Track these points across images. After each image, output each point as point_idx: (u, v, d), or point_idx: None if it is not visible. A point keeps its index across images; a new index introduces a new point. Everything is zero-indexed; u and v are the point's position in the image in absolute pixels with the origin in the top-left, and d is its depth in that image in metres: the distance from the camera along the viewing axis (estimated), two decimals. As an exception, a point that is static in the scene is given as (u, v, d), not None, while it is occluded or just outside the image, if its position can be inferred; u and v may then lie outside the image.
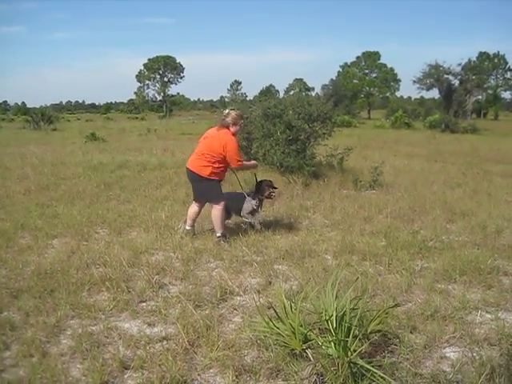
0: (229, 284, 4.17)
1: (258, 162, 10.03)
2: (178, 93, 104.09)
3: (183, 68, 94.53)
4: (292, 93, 76.87)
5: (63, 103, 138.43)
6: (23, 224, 6.12)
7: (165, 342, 3.24)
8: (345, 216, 6.79)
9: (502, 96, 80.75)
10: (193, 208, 5.78)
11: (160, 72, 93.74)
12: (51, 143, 18.69)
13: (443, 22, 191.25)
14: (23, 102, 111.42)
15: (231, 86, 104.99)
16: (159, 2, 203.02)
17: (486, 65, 73.11)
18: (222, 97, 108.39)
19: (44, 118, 32.25)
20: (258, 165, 6.54)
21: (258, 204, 5.95)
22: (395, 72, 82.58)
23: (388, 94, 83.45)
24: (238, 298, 4.00)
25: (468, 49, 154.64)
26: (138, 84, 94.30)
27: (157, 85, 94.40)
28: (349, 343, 2.70)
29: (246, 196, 5.90)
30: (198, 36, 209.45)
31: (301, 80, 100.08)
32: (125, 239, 5.60)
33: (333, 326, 2.83)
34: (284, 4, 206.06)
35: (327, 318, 2.88)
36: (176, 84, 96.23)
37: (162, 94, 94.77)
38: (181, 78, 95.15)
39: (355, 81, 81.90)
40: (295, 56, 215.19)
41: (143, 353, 3.06)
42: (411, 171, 11.98)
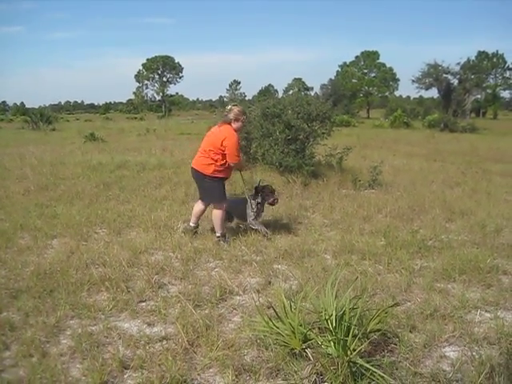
0: (228, 284, 4.17)
1: (257, 162, 10.15)
2: (177, 93, 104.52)
3: (182, 68, 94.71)
4: (291, 92, 76.99)
5: (62, 103, 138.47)
6: (22, 224, 6.12)
7: (164, 342, 3.24)
8: (344, 215, 6.80)
9: (501, 95, 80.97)
10: (198, 206, 5.78)
11: (159, 72, 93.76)
12: (50, 143, 18.66)
13: (442, 22, 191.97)
14: (22, 103, 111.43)
15: (230, 86, 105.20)
16: (158, 2, 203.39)
17: (485, 64, 73.08)
18: (221, 96, 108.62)
19: (43, 119, 32.16)
20: (249, 167, 6.46)
21: (259, 207, 5.84)
22: (394, 71, 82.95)
23: (387, 94, 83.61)
24: (238, 298, 4.00)
25: (467, 48, 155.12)
26: (137, 84, 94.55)
27: (156, 85, 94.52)
28: (348, 342, 2.71)
29: (249, 200, 5.77)
30: (197, 36, 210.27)
31: (300, 80, 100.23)
32: (124, 239, 5.60)
33: (332, 326, 2.84)
34: (283, 4, 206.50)
35: (327, 318, 2.89)
36: (175, 84, 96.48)
37: (161, 94, 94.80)
38: (180, 78, 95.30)
39: (354, 80, 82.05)
40: (294, 56, 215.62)
41: (143, 352, 3.06)
42: (410, 170, 11.99)
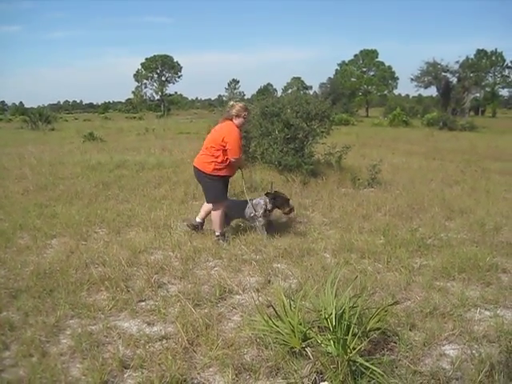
0: (228, 283, 4.17)
1: (257, 161, 10.15)
2: (176, 92, 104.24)
3: (181, 67, 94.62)
4: (290, 91, 77.04)
5: (61, 103, 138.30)
6: (22, 224, 6.11)
7: (164, 341, 3.24)
8: (343, 214, 6.80)
9: (500, 93, 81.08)
10: (207, 204, 5.77)
11: (158, 71, 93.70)
12: (49, 143, 18.64)
13: (441, 20, 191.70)
14: (21, 102, 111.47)
15: (229, 85, 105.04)
16: (157, 2, 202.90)
17: (484, 62, 73.32)
18: (220, 96, 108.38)
19: (42, 118, 32.09)
20: (247, 165, 6.44)
21: (267, 213, 5.75)
22: (393, 70, 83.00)
23: (386, 92, 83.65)
24: (237, 297, 4.00)
25: (466, 46, 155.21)
26: (136, 83, 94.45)
27: (154, 84, 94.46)
28: (348, 341, 2.71)
29: (250, 202, 5.72)
30: (196, 35, 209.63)
31: (299, 78, 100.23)
32: (123, 239, 5.60)
33: (332, 324, 2.84)
34: (282, 3, 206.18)
35: (326, 316, 2.89)
36: (174, 83, 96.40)
37: (160, 94, 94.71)
38: (178, 77, 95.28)
39: (353, 79, 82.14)
40: (293, 55, 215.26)
41: (143, 352, 3.06)
42: (409, 169, 11.99)
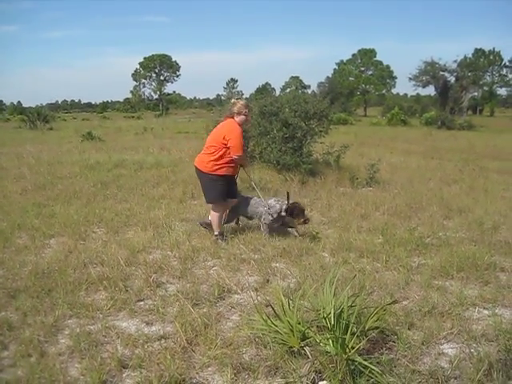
0: (226, 282, 4.17)
1: (255, 160, 10.14)
2: (174, 91, 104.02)
3: (179, 66, 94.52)
4: (288, 91, 77.07)
5: (59, 102, 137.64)
6: (20, 224, 6.10)
7: (163, 341, 3.24)
8: (342, 213, 6.80)
9: (498, 92, 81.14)
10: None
11: (156, 70, 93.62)
12: (47, 142, 18.60)
13: (439, 20, 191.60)
14: (19, 102, 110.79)
15: (227, 84, 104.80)
16: (156, 1, 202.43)
17: (482, 61, 73.41)
18: (219, 95, 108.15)
19: (40, 118, 32.01)
20: (249, 164, 6.45)
21: (277, 219, 5.68)
22: (391, 69, 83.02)
23: (384, 92, 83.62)
24: (236, 296, 4.00)
25: (464, 46, 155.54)
26: (134, 83, 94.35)
27: (153, 83, 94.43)
28: (347, 340, 2.71)
29: (265, 201, 5.68)
30: (194, 34, 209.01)
31: (297, 78, 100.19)
32: (122, 238, 5.59)
33: (331, 324, 2.84)
34: (281, 2, 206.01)
35: (325, 316, 2.89)
36: (172, 82, 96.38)
37: (158, 93, 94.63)
38: (177, 77, 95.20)
39: (351, 78, 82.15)
40: (291, 54, 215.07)
41: (141, 352, 3.06)
42: (408, 168, 12.00)
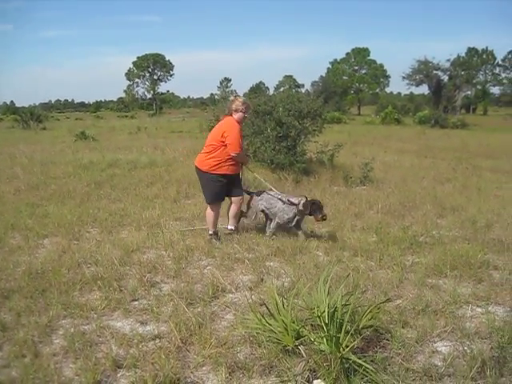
0: (221, 281, 4.17)
1: (249, 160, 10.13)
2: (168, 91, 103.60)
3: (172, 66, 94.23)
4: (282, 90, 76.96)
5: (52, 102, 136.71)
6: (13, 224, 6.07)
7: (157, 341, 3.23)
8: (336, 212, 6.82)
9: (491, 91, 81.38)
10: (230, 207, 5.73)
11: (149, 70, 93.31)
12: (41, 142, 18.50)
13: (432, 19, 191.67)
14: (12, 102, 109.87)
15: (221, 84, 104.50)
16: (149, 1, 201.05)
17: (475, 60, 73.63)
18: (212, 94, 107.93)
19: (33, 117, 31.88)
20: (249, 161, 6.48)
21: (292, 218, 5.67)
22: (385, 68, 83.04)
23: (378, 90, 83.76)
24: (230, 296, 4.00)
25: (457, 45, 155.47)
26: (128, 82, 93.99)
27: (146, 83, 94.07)
28: (341, 339, 2.72)
29: (286, 203, 5.67)
30: (188, 34, 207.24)
31: (290, 77, 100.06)
32: (116, 238, 5.58)
33: (325, 322, 2.85)
34: (273, 1, 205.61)
35: (319, 314, 2.90)
36: (165, 82, 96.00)
37: (152, 92, 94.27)
38: (170, 76, 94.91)
39: (345, 77, 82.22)
40: (285, 53, 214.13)
41: (136, 351, 3.05)
42: (401, 167, 12.05)
